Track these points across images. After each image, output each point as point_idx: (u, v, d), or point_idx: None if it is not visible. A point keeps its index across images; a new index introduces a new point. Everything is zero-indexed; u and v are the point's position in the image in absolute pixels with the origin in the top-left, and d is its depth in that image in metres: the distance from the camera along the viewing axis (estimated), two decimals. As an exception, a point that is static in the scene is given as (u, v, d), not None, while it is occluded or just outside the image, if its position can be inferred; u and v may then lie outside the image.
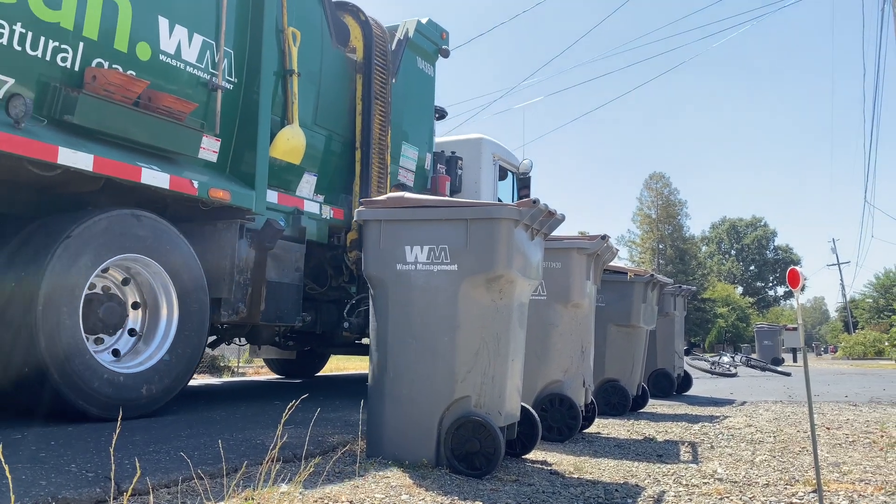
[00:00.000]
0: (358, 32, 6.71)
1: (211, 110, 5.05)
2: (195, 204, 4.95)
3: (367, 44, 6.66)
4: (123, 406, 3.96)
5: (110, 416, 4.02)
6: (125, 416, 3.99)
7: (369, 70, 6.59)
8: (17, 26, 3.87)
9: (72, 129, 4.12)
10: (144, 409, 4.38)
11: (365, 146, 6.56)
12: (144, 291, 4.64)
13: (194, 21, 4.90)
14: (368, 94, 6.57)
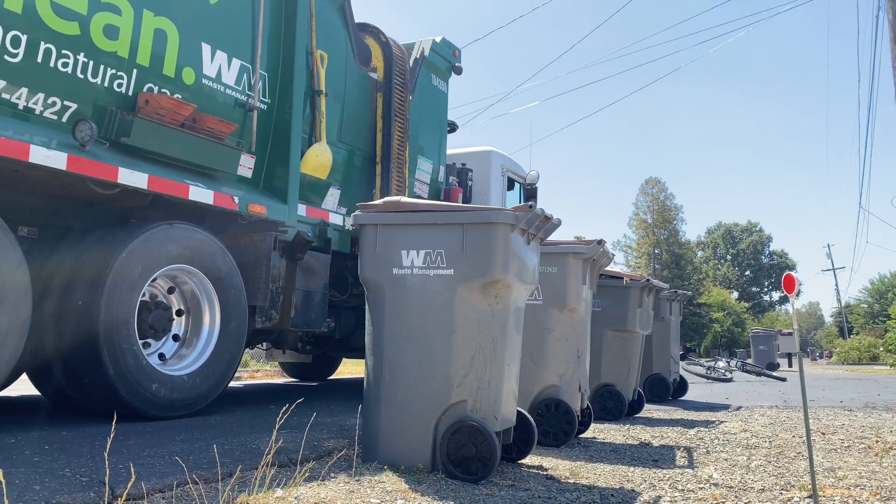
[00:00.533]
0: (379, 53, 7.06)
1: (248, 129, 5.35)
2: (233, 217, 5.24)
3: (387, 64, 7.01)
4: (173, 406, 4.53)
5: (162, 416, 4.48)
6: (175, 414, 4.60)
7: (389, 89, 6.95)
8: (80, 56, 4.17)
9: (127, 149, 4.41)
10: (190, 409, 4.72)
11: (385, 161, 6.89)
12: (188, 300, 4.95)
13: (233, 46, 5.19)
14: (388, 112, 6.92)
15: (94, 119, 4.24)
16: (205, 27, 4.95)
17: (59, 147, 3.98)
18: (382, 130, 6.90)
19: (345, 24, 6.48)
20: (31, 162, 3.83)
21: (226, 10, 5.11)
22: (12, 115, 3.94)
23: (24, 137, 3.85)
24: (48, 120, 4.11)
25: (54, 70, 4.06)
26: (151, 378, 4.44)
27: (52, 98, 4.11)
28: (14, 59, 3.87)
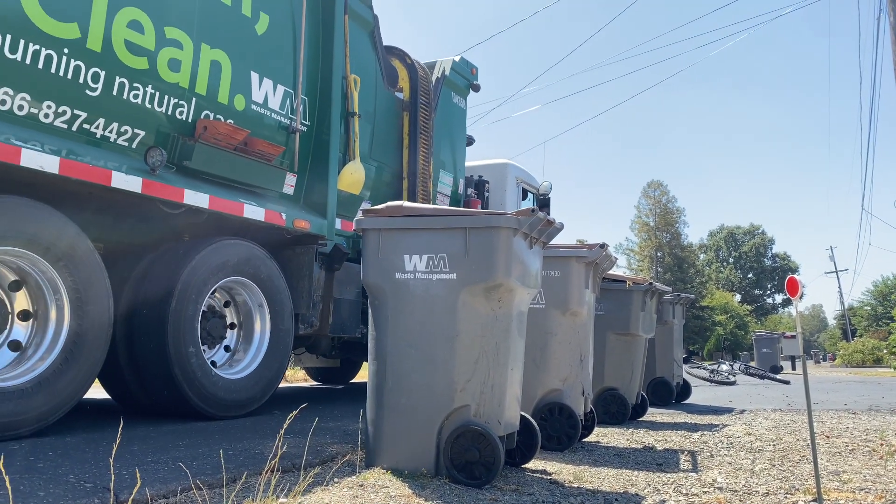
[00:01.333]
0: (405, 74, 7.56)
1: (290, 150, 5.73)
2: (279, 232, 5.58)
3: (412, 85, 7.50)
4: (230, 406, 4.98)
5: (221, 416, 4.90)
6: (232, 415, 5.00)
7: (415, 108, 7.45)
8: (148, 88, 4.54)
9: (189, 172, 4.79)
10: (244, 409, 5.12)
11: (411, 176, 7.39)
12: (241, 312, 5.38)
13: (278, 74, 5.57)
14: (414, 130, 7.42)
15: (159, 144, 4.61)
16: (253, 57, 5.33)
17: (133, 171, 4.36)
18: (409, 147, 7.40)
19: (374, 49, 6.96)
20: (112, 186, 4.19)
21: (271, 40, 5.50)
22: (92, 143, 4.31)
23: (103, 163, 4.21)
24: (121, 146, 4.48)
25: (126, 101, 4.43)
26: (212, 381, 4.85)
27: (125, 126, 4.47)
28: (94, 92, 4.23)
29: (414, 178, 7.33)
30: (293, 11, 5.72)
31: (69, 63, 4.07)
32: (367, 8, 6.82)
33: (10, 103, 3.87)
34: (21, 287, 3.99)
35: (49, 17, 3.95)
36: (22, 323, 3.99)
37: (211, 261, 4.89)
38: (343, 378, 10.21)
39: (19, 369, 3.85)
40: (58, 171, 3.91)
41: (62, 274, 3.96)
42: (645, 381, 7.93)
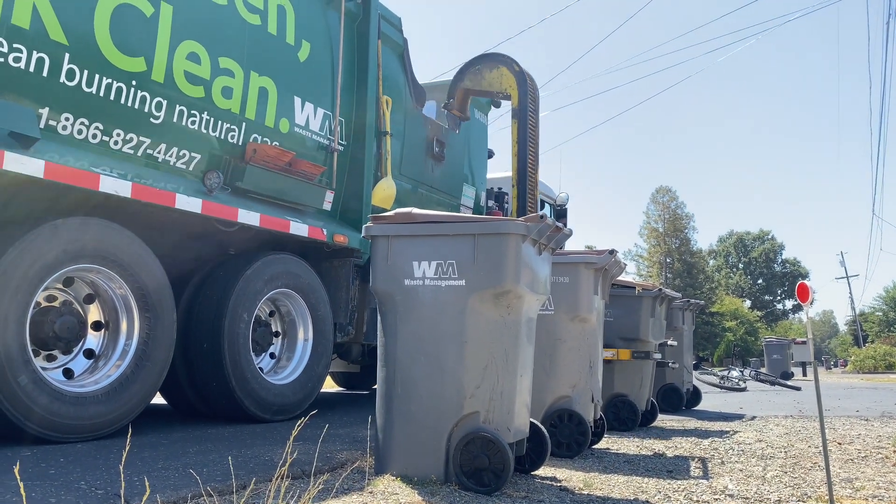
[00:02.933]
0: (513, 82, 7.74)
1: (329, 169, 6.03)
2: (319, 246, 5.86)
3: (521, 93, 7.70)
4: (277, 411, 5.25)
5: (270, 419, 5.18)
6: (280, 419, 5.26)
7: (524, 117, 7.66)
8: (204, 114, 4.86)
9: (240, 192, 5.10)
10: (290, 414, 5.35)
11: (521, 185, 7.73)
12: (285, 322, 5.66)
13: (317, 97, 5.91)
14: (523, 137, 7.69)
15: (213, 167, 4.94)
16: (296, 82, 5.67)
17: (193, 193, 4.67)
18: (518, 156, 7.67)
19: (404, 70, 7.25)
20: (177, 207, 4.48)
21: (312, 66, 5.85)
22: (154, 167, 4.63)
23: (166, 186, 4.52)
24: (180, 169, 4.80)
25: (185, 127, 4.74)
26: (262, 386, 5.14)
27: (184, 150, 4.79)
28: (157, 120, 4.56)
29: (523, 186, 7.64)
30: (331, 39, 6.10)
31: (136, 93, 4.40)
32: (398, 32, 7.12)
33: (86, 132, 4.19)
34: (94, 300, 4.28)
35: (119, 52, 4.26)
36: (95, 333, 4.29)
37: (262, 274, 5.20)
38: (366, 383, 10.33)
39: (95, 376, 4.16)
40: (130, 195, 4.20)
41: (132, 288, 4.27)
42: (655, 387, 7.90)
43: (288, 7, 5.59)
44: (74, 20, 4.02)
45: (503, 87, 7.83)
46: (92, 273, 4.17)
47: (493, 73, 7.90)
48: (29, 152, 3.73)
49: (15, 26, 3.74)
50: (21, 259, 3.68)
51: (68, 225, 3.93)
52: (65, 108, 4.07)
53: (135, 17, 4.35)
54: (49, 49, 3.91)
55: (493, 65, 7.89)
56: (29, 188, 3.93)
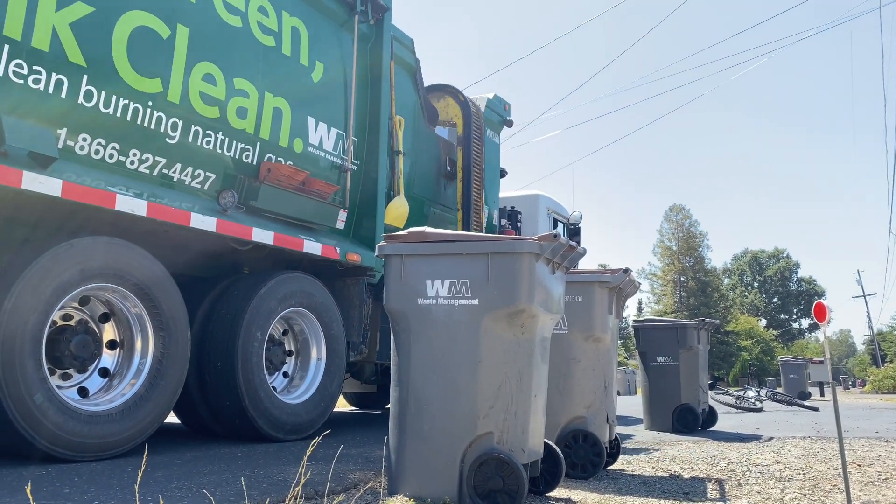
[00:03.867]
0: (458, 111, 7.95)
1: (342, 188, 6.09)
2: (332, 265, 5.90)
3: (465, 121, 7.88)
4: (290, 430, 5.23)
5: (283, 439, 5.15)
6: (293, 438, 5.22)
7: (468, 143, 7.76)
8: (219, 135, 4.91)
9: (255, 211, 5.14)
10: (303, 433, 5.37)
11: (465, 208, 7.81)
12: (298, 341, 5.67)
13: (331, 118, 5.97)
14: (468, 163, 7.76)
15: (228, 186, 4.98)
16: (310, 103, 5.74)
17: (207, 212, 4.72)
18: (462, 181, 7.73)
19: (416, 90, 7.37)
20: (191, 226, 4.53)
21: (326, 87, 5.93)
22: (169, 186, 4.68)
23: (181, 205, 4.58)
24: (195, 189, 4.84)
25: (200, 147, 4.80)
26: (275, 405, 5.14)
27: (199, 170, 4.83)
28: (173, 140, 4.61)
29: (468, 209, 7.75)
30: (345, 59, 6.18)
31: (152, 114, 4.46)
32: (410, 53, 7.22)
33: (103, 152, 4.24)
34: (109, 319, 4.32)
35: (136, 74, 4.33)
36: (110, 351, 4.33)
37: (276, 292, 5.23)
38: (380, 403, 10.36)
39: (110, 394, 4.20)
40: (146, 214, 4.26)
41: (147, 306, 4.29)
42: (670, 407, 7.83)
43: (302, 29, 5.66)
44: (93, 42, 4.09)
45: (449, 116, 8.01)
46: (107, 292, 4.20)
47: (439, 102, 8.07)
48: (47, 172, 3.77)
49: (35, 49, 3.81)
50: (38, 278, 3.72)
51: (85, 244, 3.97)
52: (82, 128, 4.13)
53: (152, 39, 4.42)
54: (68, 71, 3.97)
55: (439, 95, 8.08)
56: (46, 207, 3.98)
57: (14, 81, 3.74)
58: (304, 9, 5.73)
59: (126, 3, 4.28)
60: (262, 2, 5.29)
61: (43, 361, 3.75)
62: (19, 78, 3.76)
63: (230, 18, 4.99)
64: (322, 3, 5.93)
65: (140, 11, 4.34)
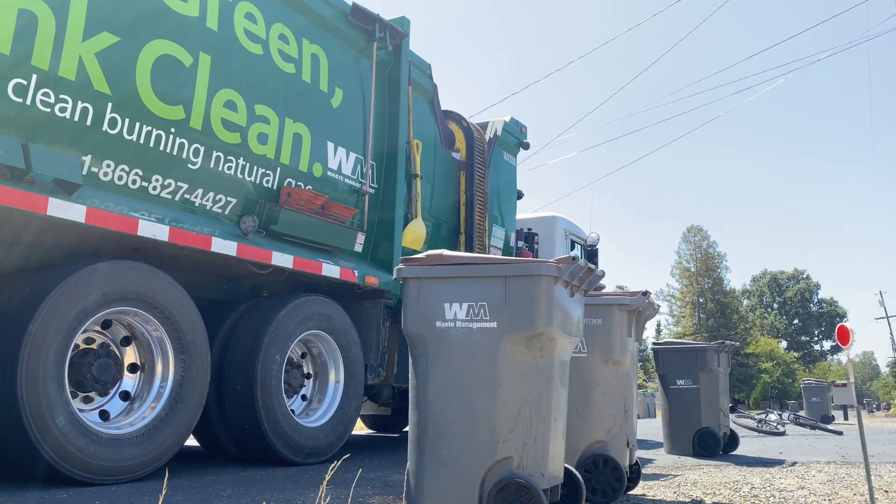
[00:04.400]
0: (462, 137, 8.04)
1: (361, 211, 6.16)
2: (351, 287, 5.91)
3: (469, 146, 7.97)
4: (309, 454, 5.23)
5: (302, 462, 5.15)
6: (312, 461, 5.18)
7: (471, 168, 7.89)
8: (240, 160, 4.98)
9: (274, 235, 5.18)
10: (322, 457, 5.36)
11: (468, 231, 7.80)
12: (317, 364, 5.67)
13: (349, 142, 6.04)
14: (471, 188, 7.87)
15: (248, 211, 5.04)
16: (330, 128, 5.82)
17: (228, 236, 4.77)
18: (466, 205, 7.82)
19: (433, 114, 7.46)
20: (212, 251, 4.58)
21: (345, 112, 6.01)
22: (191, 211, 4.75)
23: (202, 229, 4.63)
24: (216, 213, 4.92)
25: (221, 173, 4.86)
26: (294, 428, 5.15)
27: (220, 195, 4.90)
28: (195, 166, 4.67)
29: (470, 232, 7.74)
30: (363, 85, 6.28)
31: (175, 140, 4.53)
32: (428, 78, 7.31)
33: (126, 178, 4.31)
34: (131, 342, 4.36)
35: (159, 101, 4.41)
36: (131, 375, 4.36)
37: (295, 315, 5.23)
38: (397, 426, 10.33)
39: (130, 418, 4.23)
40: (167, 239, 4.32)
41: (168, 330, 4.35)
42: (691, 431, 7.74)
43: (321, 56, 5.76)
44: (118, 71, 4.18)
45: (454, 142, 8.05)
46: (129, 315, 4.24)
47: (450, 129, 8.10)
48: (72, 198, 3.84)
49: (62, 78, 3.90)
50: (62, 302, 3.77)
51: (108, 268, 4.02)
52: (106, 155, 4.20)
53: (175, 67, 4.51)
54: (93, 99, 4.06)
55: (448, 120, 8.09)
56: (71, 232, 4.04)
57: (41, 110, 3.83)
58: (323, 36, 5.84)
59: (150, 32, 4.38)
60: (282, 30, 5.40)
61: (66, 385, 3.79)
62: (46, 106, 3.85)
63: (252, 46, 5.08)
64: (342, 31, 6.03)
65: (164, 40, 4.44)
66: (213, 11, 4.79)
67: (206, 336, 4.58)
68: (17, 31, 3.69)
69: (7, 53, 3.66)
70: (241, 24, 5.02)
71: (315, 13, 5.74)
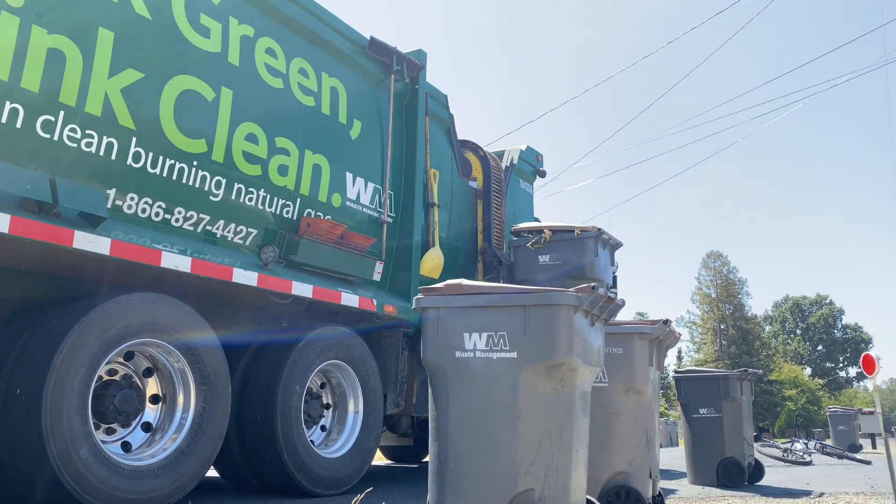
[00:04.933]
0: (478, 166, 8.16)
1: (379, 240, 6.18)
2: (369, 317, 5.89)
3: (485, 175, 8.07)
4: (332, 484, 5.25)
5: (322, 494, 5.15)
6: (332, 493, 5.24)
7: (488, 196, 7.99)
8: (261, 192, 5.05)
9: (294, 265, 5.22)
10: (342, 488, 5.36)
11: None
12: (336, 394, 5.68)
13: (368, 172, 6.13)
14: (488, 216, 7.94)
15: (268, 241, 5.11)
16: (348, 159, 5.89)
17: (249, 267, 4.80)
18: (483, 232, 7.86)
19: (450, 143, 7.56)
20: (234, 281, 4.60)
21: (363, 143, 6.09)
22: (212, 242, 4.83)
23: (223, 260, 4.69)
24: (237, 244, 4.97)
25: (243, 204, 4.94)
26: (314, 460, 5.15)
27: (241, 226, 4.97)
28: (216, 198, 4.75)
29: None
30: (381, 116, 6.37)
31: (197, 173, 4.60)
32: (444, 108, 7.41)
33: (149, 211, 4.39)
34: (153, 373, 4.39)
35: (182, 135, 4.49)
36: (152, 406, 4.38)
37: (314, 345, 5.26)
38: (417, 456, 10.26)
39: (152, 449, 4.23)
40: (190, 270, 4.35)
41: (189, 361, 4.36)
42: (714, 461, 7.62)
43: (340, 89, 5.85)
44: (142, 106, 4.27)
45: (470, 171, 8.16)
46: (152, 347, 4.28)
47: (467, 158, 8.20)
48: (96, 231, 3.91)
49: (88, 114, 3.99)
50: (86, 334, 3.81)
51: (131, 300, 4.07)
52: (130, 188, 4.28)
53: (197, 101, 4.60)
54: (118, 134, 4.15)
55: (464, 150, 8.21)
56: (95, 264, 4.10)
57: (68, 145, 3.92)
58: (342, 70, 5.94)
59: (174, 68, 4.47)
60: (302, 64, 5.49)
61: (89, 416, 3.82)
62: (73, 142, 3.93)
63: (272, 80, 5.18)
64: (360, 64, 6.13)
65: (187, 76, 4.54)
66: (234, 47, 4.89)
67: (226, 367, 4.60)
68: (46, 70, 3.79)
69: (36, 91, 3.76)
70: (261, 59, 5.12)
71: (334, 47, 5.84)
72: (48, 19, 3.82)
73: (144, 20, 4.32)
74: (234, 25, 4.92)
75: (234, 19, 4.93)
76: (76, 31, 3.95)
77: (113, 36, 4.12)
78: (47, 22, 3.81)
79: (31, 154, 3.78)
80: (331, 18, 5.80)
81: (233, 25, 4.91)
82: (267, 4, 5.20)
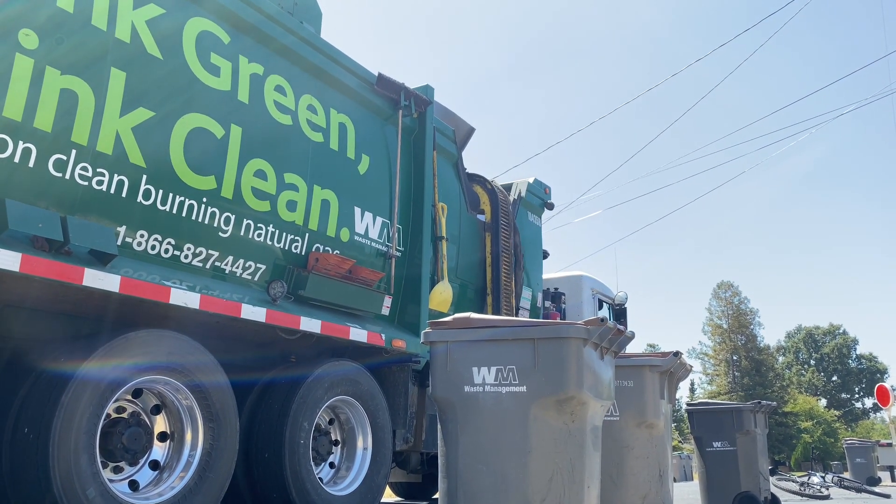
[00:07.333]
0: (486, 199, 8.17)
1: (387, 274, 6.18)
2: (378, 351, 5.85)
3: (493, 208, 8.06)
4: None
5: None
6: None
7: (496, 229, 7.95)
8: (269, 227, 5.06)
9: (303, 300, 5.21)
10: None
11: (495, 292, 7.81)
12: (345, 430, 5.64)
13: (376, 207, 6.15)
14: (496, 249, 7.92)
15: (277, 276, 5.10)
16: (357, 194, 5.92)
17: (257, 303, 4.77)
18: (491, 266, 7.84)
19: (458, 177, 7.61)
20: (242, 318, 4.57)
21: (372, 177, 6.13)
22: (221, 278, 4.82)
23: (232, 296, 4.67)
24: (246, 280, 4.97)
25: (251, 240, 4.95)
26: (322, 498, 5.08)
27: (249, 262, 4.98)
28: (225, 234, 4.77)
29: (497, 293, 7.75)
30: (389, 151, 6.40)
31: (206, 210, 4.62)
32: (452, 142, 7.46)
33: (159, 248, 4.42)
34: (161, 410, 4.35)
35: (192, 172, 4.52)
36: (160, 444, 4.33)
37: (323, 381, 5.22)
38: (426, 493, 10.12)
39: (159, 488, 4.18)
40: (198, 307, 4.33)
41: (198, 398, 4.34)
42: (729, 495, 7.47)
43: (349, 125, 5.91)
44: (152, 144, 4.31)
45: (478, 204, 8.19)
46: (160, 384, 4.26)
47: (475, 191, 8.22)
48: (107, 269, 3.93)
49: (99, 152, 4.04)
50: (94, 373, 3.80)
51: (140, 337, 4.07)
52: (140, 225, 4.30)
53: (207, 138, 4.65)
54: (128, 172, 4.19)
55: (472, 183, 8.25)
56: (105, 302, 4.11)
57: (79, 184, 3.96)
58: (351, 106, 6.00)
59: (184, 106, 4.53)
60: (311, 100, 5.56)
61: (97, 455, 3.79)
62: (84, 180, 3.97)
63: (281, 117, 5.23)
64: (368, 100, 6.20)
65: (197, 114, 4.59)
66: (244, 85, 4.96)
67: (234, 403, 4.57)
68: (58, 110, 3.85)
69: (48, 131, 3.81)
70: (271, 97, 5.18)
71: (342, 84, 5.91)
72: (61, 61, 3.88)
73: (156, 60, 4.39)
74: (244, 64, 4.99)
75: (244, 58, 5.00)
76: (89, 71, 4.02)
77: (125, 76, 4.18)
78: (60, 63, 3.88)
79: (43, 192, 3.82)
80: (339, 56, 5.88)
81: (242, 64, 4.98)
82: (277, 44, 5.27)
